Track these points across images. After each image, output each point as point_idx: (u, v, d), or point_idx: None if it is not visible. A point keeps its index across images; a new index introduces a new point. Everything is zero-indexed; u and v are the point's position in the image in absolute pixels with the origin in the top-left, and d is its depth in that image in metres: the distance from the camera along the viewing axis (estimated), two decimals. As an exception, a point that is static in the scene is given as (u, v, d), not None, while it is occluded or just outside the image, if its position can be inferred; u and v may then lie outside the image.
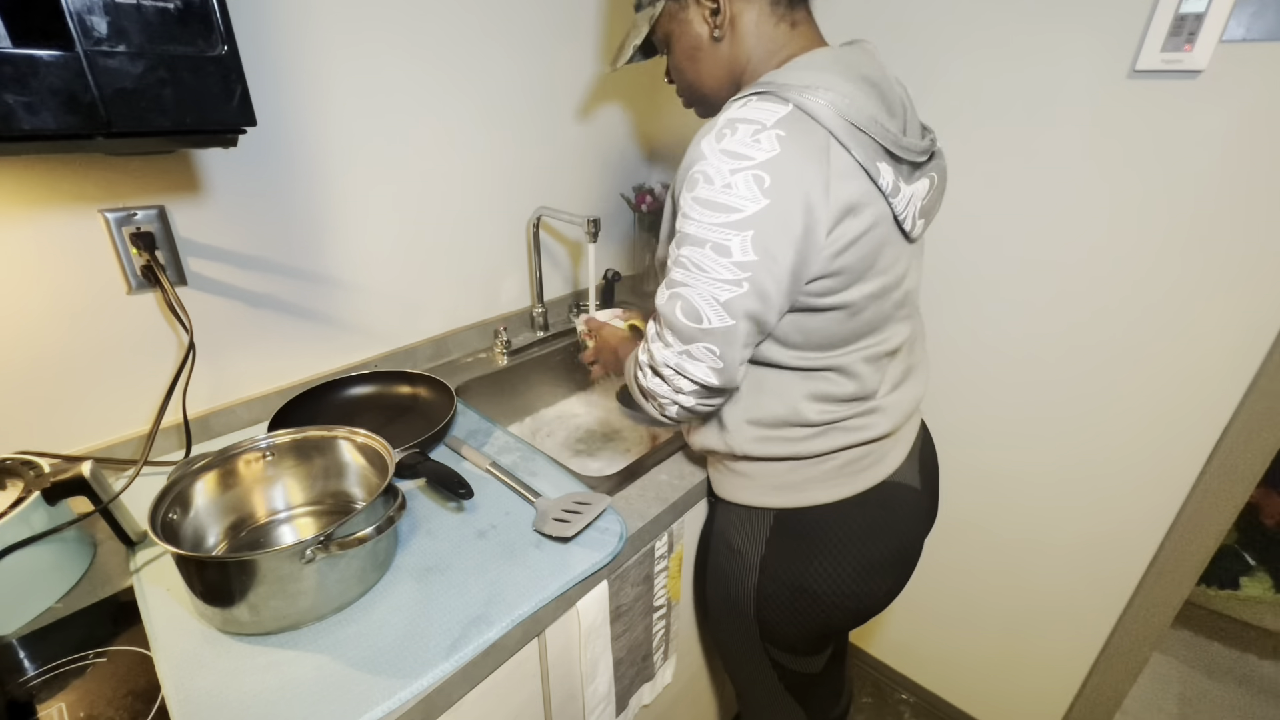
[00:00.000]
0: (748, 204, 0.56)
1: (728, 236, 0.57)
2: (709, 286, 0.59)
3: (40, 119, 0.52)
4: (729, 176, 0.56)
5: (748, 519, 0.78)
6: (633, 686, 0.90)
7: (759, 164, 0.56)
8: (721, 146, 0.57)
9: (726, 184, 0.57)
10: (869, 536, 0.74)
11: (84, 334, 0.79)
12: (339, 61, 0.91)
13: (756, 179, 0.56)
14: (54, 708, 0.56)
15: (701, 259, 0.59)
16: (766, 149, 0.56)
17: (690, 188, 0.59)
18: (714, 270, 0.59)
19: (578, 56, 1.24)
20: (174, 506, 0.65)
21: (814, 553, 0.74)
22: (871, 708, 1.53)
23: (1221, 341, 0.90)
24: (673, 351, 0.64)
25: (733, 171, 0.56)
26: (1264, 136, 0.80)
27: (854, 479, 0.73)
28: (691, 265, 0.60)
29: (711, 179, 0.57)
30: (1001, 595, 1.28)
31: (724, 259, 0.58)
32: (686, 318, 0.61)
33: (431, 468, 0.78)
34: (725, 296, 0.59)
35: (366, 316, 1.08)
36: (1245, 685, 1.61)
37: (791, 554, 0.75)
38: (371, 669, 0.58)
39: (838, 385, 0.69)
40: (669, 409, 0.69)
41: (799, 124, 0.57)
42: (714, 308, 0.60)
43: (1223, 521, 0.98)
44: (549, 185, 1.29)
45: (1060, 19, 0.90)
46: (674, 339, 0.63)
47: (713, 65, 0.71)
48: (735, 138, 0.57)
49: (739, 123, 0.57)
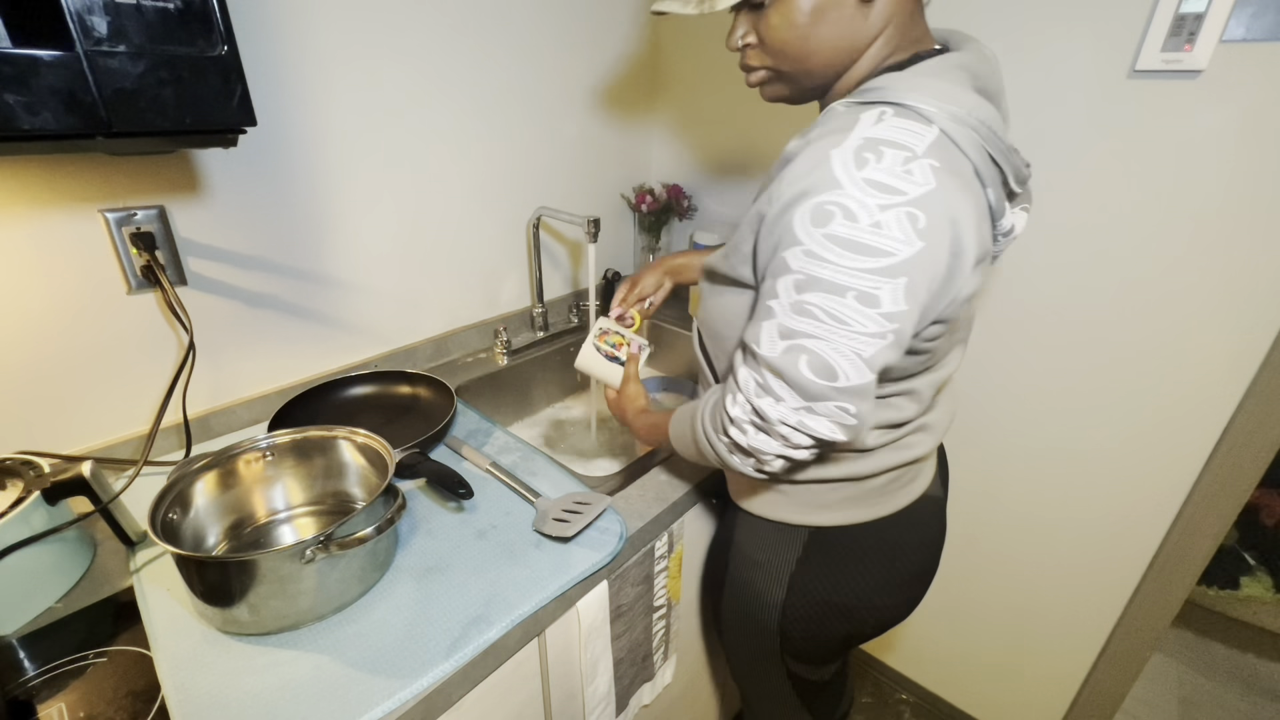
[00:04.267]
0: (901, 247, 0.48)
1: (877, 285, 0.48)
2: (849, 341, 0.50)
3: (40, 119, 0.52)
4: (878, 213, 0.47)
5: (778, 534, 0.74)
6: (633, 686, 0.90)
7: (913, 200, 0.47)
8: (865, 175, 0.48)
9: (875, 222, 0.47)
10: (901, 551, 0.73)
11: (84, 334, 0.79)
12: (339, 62, 0.91)
13: (910, 217, 0.47)
14: (54, 708, 0.56)
15: (841, 309, 0.50)
16: (920, 182, 0.47)
17: (820, 221, 0.49)
18: (857, 323, 0.50)
19: (578, 56, 1.24)
20: (174, 506, 0.65)
21: (847, 568, 0.72)
22: (871, 708, 1.53)
23: (1221, 341, 0.90)
24: (789, 408, 0.54)
25: (882, 208, 0.47)
26: (1264, 136, 0.80)
27: (893, 497, 0.72)
28: (826, 316, 0.50)
29: (855, 215, 0.48)
30: (1001, 595, 1.28)
31: (870, 309, 0.49)
32: (816, 374, 0.52)
33: (431, 468, 0.78)
34: (869, 351, 0.51)
35: (366, 316, 1.08)
36: (1245, 685, 1.61)
37: (824, 570, 0.73)
38: (371, 669, 0.58)
39: (902, 410, 0.66)
40: (772, 465, 0.60)
41: (948, 153, 0.50)
42: (854, 364, 0.51)
43: (1223, 521, 0.98)
44: (549, 185, 1.29)
45: (1060, 19, 0.90)
46: (793, 395, 0.53)
47: (840, 32, 0.56)
48: (882, 166, 0.48)
49: (884, 146, 0.48)
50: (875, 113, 0.51)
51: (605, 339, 0.89)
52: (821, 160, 0.50)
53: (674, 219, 1.47)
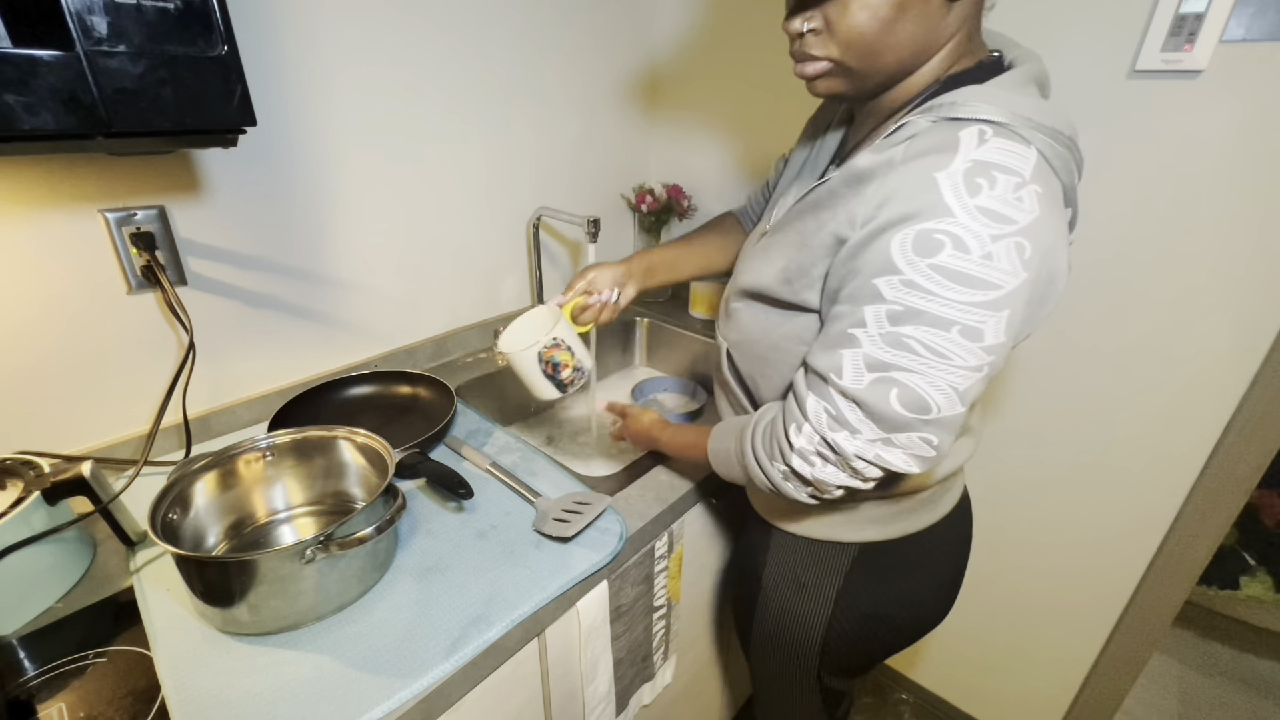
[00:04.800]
0: (1008, 279, 0.46)
1: (983, 318, 0.47)
2: (947, 375, 0.48)
3: (40, 119, 0.52)
4: (989, 244, 0.45)
5: (823, 553, 0.72)
6: (633, 686, 0.90)
7: (1022, 229, 0.45)
8: (978, 203, 0.45)
9: (986, 254, 0.45)
10: (944, 554, 0.73)
11: (84, 334, 0.79)
12: (339, 62, 0.91)
13: (1018, 248, 0.45)
14: (54, 708, 0.56)
15: (943, 344, 0.48)
16: (1029, 210, 0.45)
17: (925, 251, 0.46)
18: (958, 357, 0.48)
19: (578, 56, 1.24)
20: (174, 506, 0.65)
21: (894, 580, 0.72)
22: (871, 708, 1.53)
23: (1221, 341, 0.90)
24: (865, 440, 0.52)
25: (994, 238, 0.45)
26: (1264, 136, 0.80)
27: (938, 505, 0.72)
28: (925, 350, 0.48)
29: (967, 247, 0.45)
30: (1001, 595, 1.28)
31: (973, 344, 0.47)
32: (906, 408, 0.50)
33: (431, 468, 0.78)
34: (965, 384, 0.49)
35: (366, 316, 1.08)
36: (1245, 685, 1.61)
37: (871, 584, 0.72)
38: (371, 669, 0.58)
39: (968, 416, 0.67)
40: (831, 494, 0.58)
41: (1046, 176, 0.48)
42: (949, 397, 0.49)
43: (1223, 521, 0.98)
44: (549, 185, 1.29)
45: (1059, 19, 0.90)
46: (871, 427, 0.52)
47: (921, 30, 0.52)
48: (995, 193, 0.45)
49: (995, 171, 0.45)
50: (975, 131, 0.47)
51: (554, 353, 0.77)
52: (926, 184, 0.46)
53: (674, 219, 1.47)
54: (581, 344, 0.81)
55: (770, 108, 1.27)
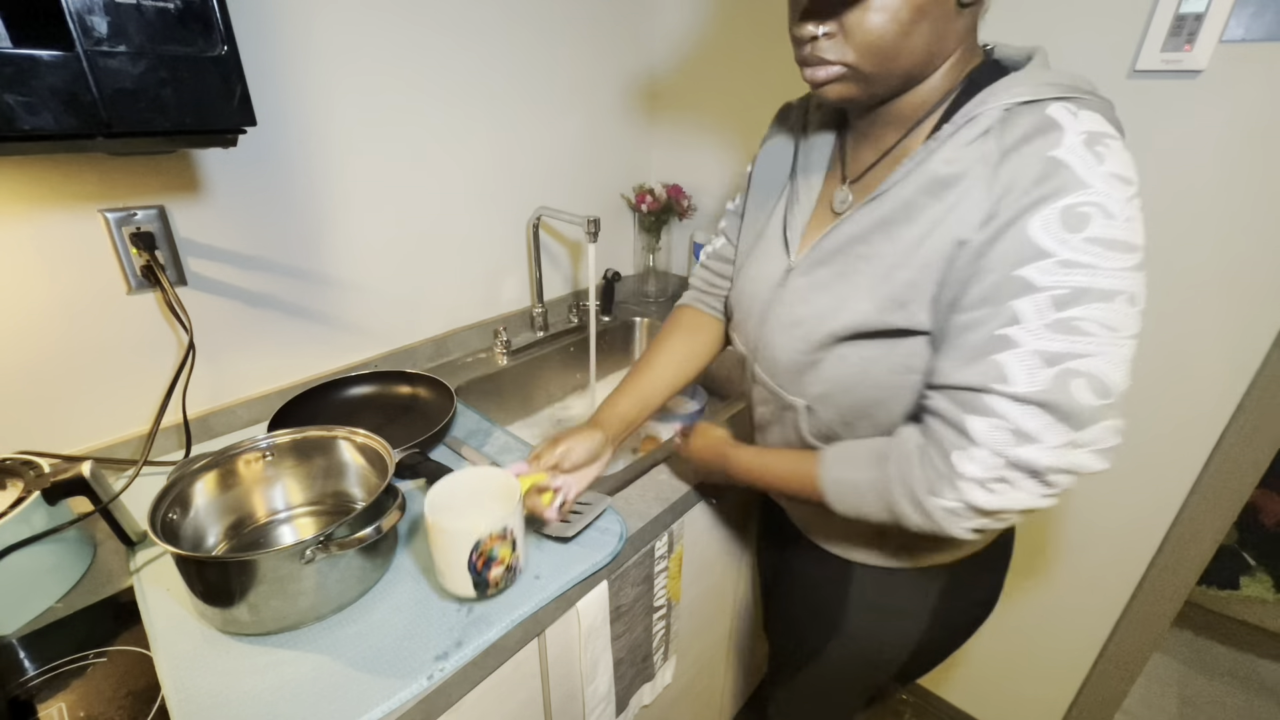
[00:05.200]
0: (1142, 238, 0.47)
1: (1137, 281, 0.47)
2: (1119, 349, 0.47)
3: (40, 119, 0.52)
4: (1127, 207, 0.46)
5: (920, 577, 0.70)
6: (633, 687, 0.90)
7: (1138, 189, 0.47)
8: (1107, 169, 0.46)
9: (1129, 217, 0.46)
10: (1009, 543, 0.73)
11: (84, 334, 0.79)
12: (339, 62, 0.91)
13: (1140, 207, 0.47)
14: (54, 708, 0.56)
15: (1113, 316, 0.47)
16: (1135, 170, 0.48)
17: (1075, 225, 0.46)
18: (1126, 326, 0.47)
19: (578, 56, 1.24)
20: (174, 506, 0.65)
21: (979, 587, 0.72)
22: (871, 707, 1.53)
23: (1221, 341, 0.90)
24: (1053, 447, 0.48)
25: (1128, 200, 0.46)
26: (1264, 136, 0.80)
27: None
28: (1099, 328, 0.47)
29: (1112, 213, 0.45)
30: (1002, 595, 1.28)
31: (1134, 309, 0.48)
32: (1096, 395, 0.47)
33: (431, 468, 0.78)
34: (1131, 354, 0.48)
35: (366, 316, 1.08)
36: (1245, 685, 1.61)
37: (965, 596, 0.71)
38: (371, 669, 0.58)
39: None
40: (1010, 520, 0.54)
41: None
42: (1124, 373, 0.48)
43: (1223, 521, 0.98)
44: (549, 185, 1.29)
45: (1060, 19, 0.90)
46: (1061, 430, 0.48)
47: (936, 34, 0.52)
48: (1116, 158, 0.46)
49: (1105, 139, 0.47)
50: (1060, 107, 0.48)
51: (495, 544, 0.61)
52: (1049, 164, 0.46)
53: (674, 219, 1.47)
54: (524, 536, 0.66)
55: (771, 108, 1.27)
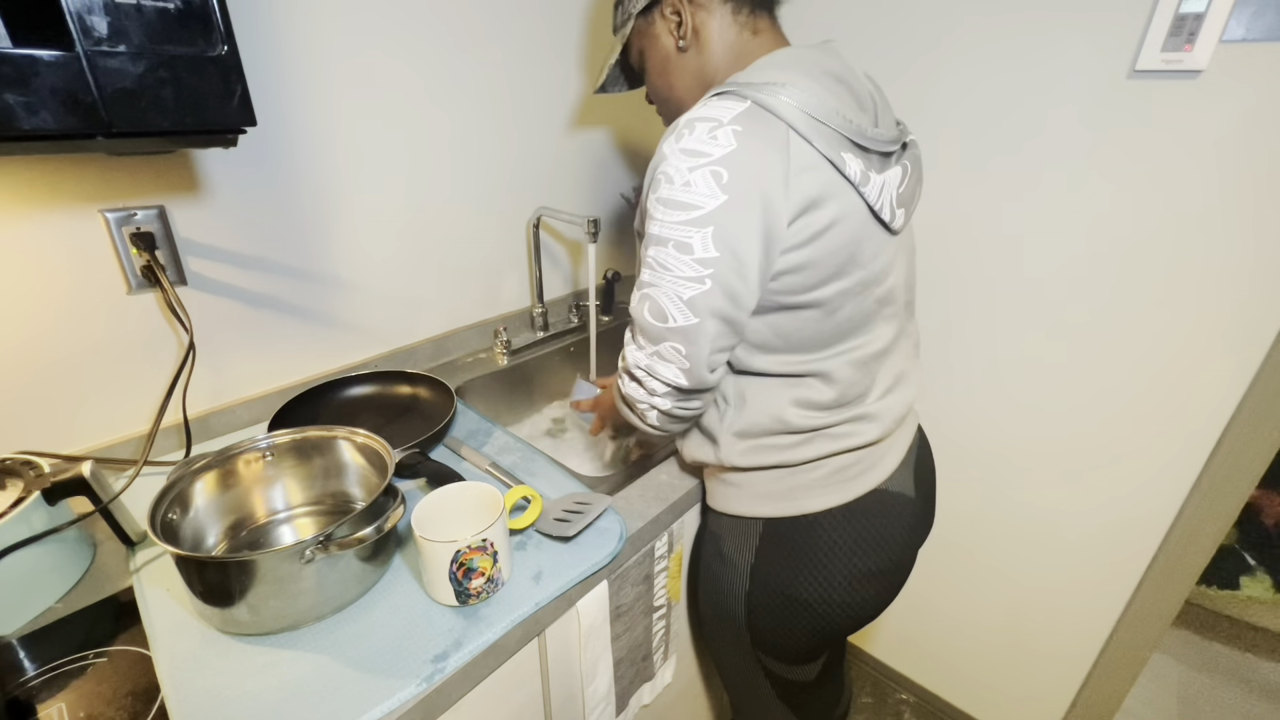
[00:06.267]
0: (706, 200, 0.57)
1: (689, 234, 0.58)
2: (673, 285, 0.61)
3: (40, 119, 0.52)
4: (688, 174, 0.57)
5: (738, 527, 0.77)
6: (633, 686, 0.90)
7: (716, 160, 0.57)
8: (680, 146, 0.58)
9: (686, 182, 0.58)
10: (859, 546, 0.73)
11: (84, 334, 0.79)
12: (339, 62, 0.91)
13: (715, 175, 0.57)
14: (54, 708, 0.56)
15: (665, 258, 0.60)
16: (723, 144, 0.57)
17: (654, 189, 0.60)
18: (677, 268, 0.60)
19: (578, 57, 1.24)
20: (174, 506, 0.65)
21: (803, 562, 0.73)
22: (871, 708, 1.53)
23: (1221, 341, 0.90)
24: (644, 354, 0.66)
25: (691, 169, 0.57)
26: (1264, 136, 0.80)
27: (843, 487, 0.72)
28: (657, 265, 0.61)
29: (672, 179, 0.58)
30: (1001, 595, 1.28)
31: (686, 256, 0.59)
32: (654, 317, 0.63)
33: (431, 468, 0.78)
34: (689, 294, 0.60)
35: (366, 316, 1.08)
36: (1245, 685, 1.61)
37: (781, 562, 0.74)
38: (371, 669, 0.58)
39: (820, 391, 0.68)
40: (648, 415, 0.70)
41: (756, 119, 0.58)
42: (678, 306, 0.61)
43: (1223, 521, 0.98)
44: (549, 185, 1.29)
45: (1059, 19, 0.90)
46: (645, 340, 0.65)
47: (682, 75, 0.73)
48: (693, 136, 0.58)
49: (697, 121, 0.58)
50: (702, 101, 0.61)
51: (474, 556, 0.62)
52: (660, 144, 0.61)
53: (674, 219, 1.47)
54: (509, 549, 0.67)
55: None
